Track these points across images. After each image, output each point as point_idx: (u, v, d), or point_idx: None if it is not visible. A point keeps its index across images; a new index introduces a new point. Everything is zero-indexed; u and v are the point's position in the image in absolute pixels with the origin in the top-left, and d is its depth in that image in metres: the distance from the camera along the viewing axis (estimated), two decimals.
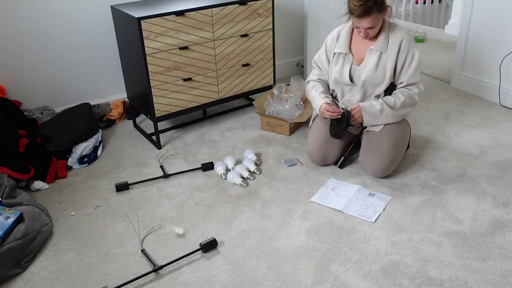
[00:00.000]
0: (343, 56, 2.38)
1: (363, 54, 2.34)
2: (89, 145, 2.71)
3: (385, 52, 2.28)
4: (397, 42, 2.27)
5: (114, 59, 3.11)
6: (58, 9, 2.85)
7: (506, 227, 2.03)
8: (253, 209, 2.23)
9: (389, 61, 2.29)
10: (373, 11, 2.12)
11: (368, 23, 2.16)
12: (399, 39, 2.27)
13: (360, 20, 2.16)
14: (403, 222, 2.09)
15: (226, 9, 2.75)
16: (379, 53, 2.29)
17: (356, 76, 2.35)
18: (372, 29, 2.21)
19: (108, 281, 1.83)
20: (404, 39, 2.27)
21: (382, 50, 2.28)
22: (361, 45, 2.35)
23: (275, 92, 2.99)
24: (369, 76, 2.31)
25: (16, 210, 2.00)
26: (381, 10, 2.16)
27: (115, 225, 2.16)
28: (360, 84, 2.34)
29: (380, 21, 2.22)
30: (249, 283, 1.79)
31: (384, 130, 2.36)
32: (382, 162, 2.33)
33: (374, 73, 2.30)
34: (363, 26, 2.18)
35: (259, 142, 2.84)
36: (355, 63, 2.37)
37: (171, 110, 2.77)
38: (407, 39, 2.28)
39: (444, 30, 5.05)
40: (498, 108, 3.15)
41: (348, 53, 2.36)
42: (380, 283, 1.77)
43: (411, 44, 2.29)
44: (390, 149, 2.33)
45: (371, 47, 2.30)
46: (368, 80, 2.32)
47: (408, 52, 2.28)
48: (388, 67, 2.29)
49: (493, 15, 3.11)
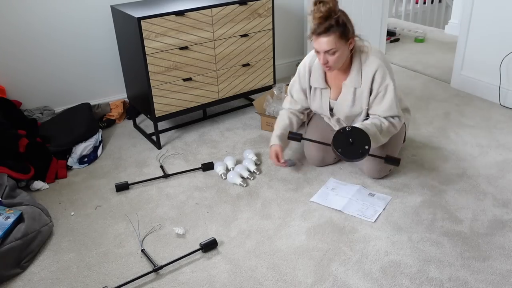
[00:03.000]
0: (320, 90, 2.32)
1: (340, 87, 2.27)
2: (89, 145, 2.71)
3: (359, 87, 2.20)
4: (370, 74, 2.15)
5: (114, 59, 3.11)
6: (58, 9, 2.85)
7: (506, 227, 2.03)
8: (253, 209, 2.23)
9: (363, 94, 2.21)
10: (333, 30, 1.99)
11: (327, 45, 2.02)
12: (372, 71, 2.15)
13: (319, 39, 2.03)
14: (403, 222, 2.09)
15: (226, 9, 2.75)
16: (354, 89, 2.21)
17: (335, 110, 2.33)
18: (333, 56, 2.06)
19: (108, 281, 1.83)
20: (378, 70, 2.14)
21: (356, 86, 2.19)
22: (336, 77, 2.26)
23: (275, 92, 2.99)
24: (347, 112, 2.28)
25: (16, 210, 2.00)
26: (343, 35, 2.02)
27: (115, 225, 2.16)
28: (342, 117, 2.33)
29: (343, 51, 2.07)
30: (249, 283, 1.79)
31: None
32: (377, 164, 2.32)
33: (352, 109, 2.27)
34: (322, 48, 2.04)
35: (259, 142, 2.84)
36: (333, 97, 2.30)
37: (171, 110, 2.77)
38: (381, 69, 2.14)
39: (444, 30, 5.05)
40: (498, 108, 3.15)
41: (325, 87, 2.29)
42: (380, 283, 1.77)
43: (385, 75, 2.15)
44: (384, 149, 2.31)
45: (344, 81, 2.22)
46: (348, 116, 2.31)
47: (381, 85, 2.16)
48: (363, 100, 2.22)
49: (493, 15, 3.11)
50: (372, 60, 2.16)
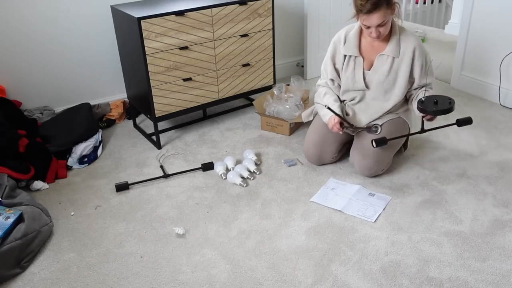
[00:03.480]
0: (354, 59, 2.31)
1: (373, 59, 2.28)
2: (89, 145, 2.71)
3: (398, 57, 2.23)
4: (410, 49, 2.22)
5: (114, 59, 3.11)
6: (58, 9, 2.85)
7: (506, 227, 2.03)
8: (253, 209, 2.23)
9: (402, 67, 2.24)
10: (382, 4, 2.04)
11: (378, 19, 2.07)
12: (412, 46, 2.22)
13: (369, 16, 2.07)
14: (403, 222, 2.09)
15: (226, 9, 2.75)
16: (392, 58, 2.24)
17: (368, 80, 2.30)
18: (383, 27, 2.12)
19: (108, 281, 1.83)
20: (418, 45, 2.22)
21: (395, 55, 2.22)
22: (371, 49, 2.29)
23: (275, 92, 2.99)
24: (380, 82, 2.27)
25: (16, 210, 2.00)
26: (389, 4, 2.07)
27: (115, 225, 2.16)
28: (372, 89, 2.31)
29: (390, 19, 2.14)
30: (249, 283, 1.79)
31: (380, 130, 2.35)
32: (368, 162, 2.32)
33: (386, 79, 2.26)
34: (374, 23, 2.09)
35: (259, 142, 2.84)
36: (366, 67, 2.31)
37: (171, 110, 2.77)
38: (419, 44, 2.23)
39: (444, 30, 5.05)
40: (498, 108, 3.15)
41: (359, 55, 2.29)
42: (380, 283, 1.77)
43: (422, 48, 2.25)
44: (378, 149, 2.30)
45: (382, 53, 2.24)
46: (379, 86, 2.29)
47: (424, 57, 2.25)
48: (400, 73, 2.25)
49: (493, 15, 3.11)
50: (409, 35, 2.24)
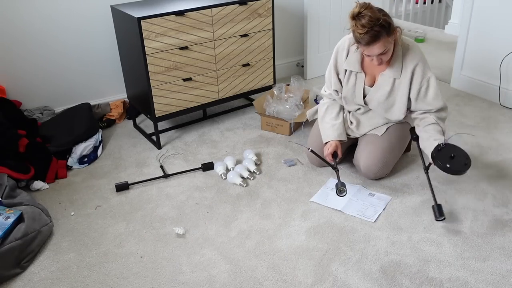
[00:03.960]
0: (355, 74, 2.26)
1: (375, 74, 2.25)
2: (89, 145, 2.71)
3: (399, 78, 2.17)
4: (410, 67, 2.15)
5: (114, 59, 3.11)
6: (58, 9, 2.85)
7: (506, 227, 2.03)
8: (253, 209, 2.23)
9: (402, 86, 2.18)
10: (382, 35, 1.95)
11: (379, 49, 2.00)
12: (413, 65, 2.14)
13: (369, 47, 2.00)
14: (403, 222, 2.09)
15: (226, 9, 2.75)
16: (393, 79, 2.19)
17: (369, 98, 2.28)
18: (385, 54, 2.05)
19: (108, 281, 1.83)
20: (419, 64, 2.14)
21: (396, 76, 2.17)
22: (374, 65, 2.20)
23: (275, 92, 2.99)
24: (380, 102, 2.24)
25: (16, 210, 2.00)
26: (389, 33, 1.99)
27: (115, 225, 2.16)
28: (374, 106, 2.29)
29: (392, 44, 2.06)
30: (249, 283, 1.79)
31: (385, 134, 2.35)
32: (374, 165, 2.31)
33: (387, 100, 2.23)
34: (374, 53, 2.02)
35: (259, 142, 2.84)
36: (367, 83, 2.26)
37: (171, 110, 2.77)
38: (422, 64, 2.15)
39: (444, 30, 5.05)
40: (498, 108, 3.15)
41: (360, 71, 2.24)
42: (380, 283, 1.77)
43: (425, 69, 2.16)
44: (384, 153, 2.31)
45: (383, 72, 2.19)
46: (378, 106, 2.27)
47: (423, 78, 2.15)
48: (400, 93, 2.20)
49: (493, 15, 3.11)
50: (412, 54, 2.15)
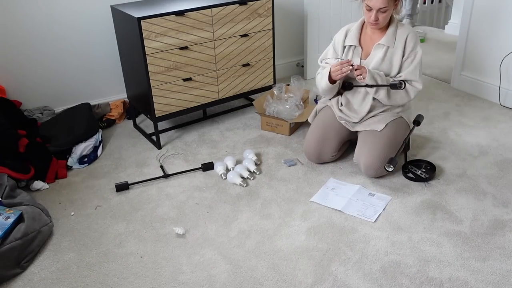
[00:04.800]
0: (353, 49, 2.42)
1: (370, 49, 2.39)
2: (89, 145, 2.71)
3: (392, 47, 2.34)
4: (403, 37, 2.33)
5: (114, 59, 3.11)
6: (58, 9, 2.85)
7: (506, 227, 2.03)
8: (253, 209, 2.23)
9: (395, 56, 2.35)
10: None
11: (382, 3, 2.19)
12: (405, 35, 2.33)
13: None
14: (403, 222, 2.09)
15: (226, 9, 2.75)
16: (386, 47, 2.34)
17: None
18: (384, 14, 2.23)
19: (108, 281, 1.83)
20: (410, 35, 2.33)
21: (389, 45, 2.34)
22: (369, 40, 2.40)
23: (275, 92, 2.99)
24: (375, 69, 2.35)
25: (16, 210, 2.00)
26: None
27: (115, 225, 2.16)
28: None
29: (391, 10, 2.26)
30: (249, 283, 1.79)
31: (384, 130, 2.35)
32: (375, 162, 2.32)
33: (380, 66, 2.35)
34: (376, 5, 2.20)
35: (259, 142, 2.84)
36: (363, 57, 2.42)
37: (171, 110, 2.77)
38: (413, 36, 2.34)
39: (444, 30, 5.05)
40: (498, 108, 3.15)
41: (358, 45, 2.40)
42: (380, 283, 1.77)
43: (416, 42, 2.35)
44: (384, 148, 2.32)
45: (378, 42, 2.35)
46: None
47: (412, 50, 2.34)
48: (394, 62, 2.35)
49: (493, 15, 3.11)
50: (405, 27, 2.37)
